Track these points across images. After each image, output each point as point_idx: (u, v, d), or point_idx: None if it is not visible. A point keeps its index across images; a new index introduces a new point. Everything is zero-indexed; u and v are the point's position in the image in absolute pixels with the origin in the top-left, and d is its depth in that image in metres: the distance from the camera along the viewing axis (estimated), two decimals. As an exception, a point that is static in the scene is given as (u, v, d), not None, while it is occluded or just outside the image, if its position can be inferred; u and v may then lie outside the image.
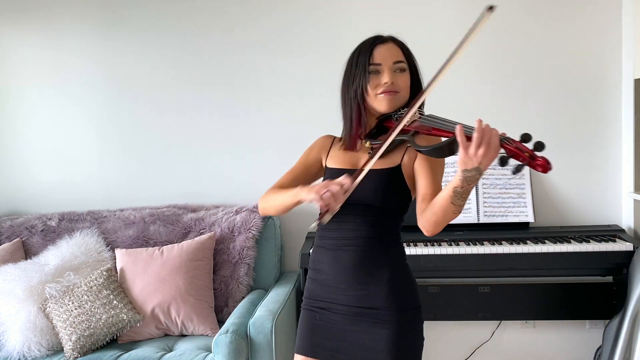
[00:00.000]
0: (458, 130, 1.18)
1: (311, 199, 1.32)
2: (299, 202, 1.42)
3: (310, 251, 1.51)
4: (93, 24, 2.91)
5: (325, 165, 1.59)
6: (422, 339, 1.51)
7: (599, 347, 2.47)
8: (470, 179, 1.20)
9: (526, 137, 1.16)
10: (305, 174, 1.61)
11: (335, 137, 1.64)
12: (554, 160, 1.13)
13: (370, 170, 1.39)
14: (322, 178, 1.61)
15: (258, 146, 2.87)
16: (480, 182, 2.64)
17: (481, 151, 1.15)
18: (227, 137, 2.89)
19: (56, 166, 3.02)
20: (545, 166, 1.13)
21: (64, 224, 2.76)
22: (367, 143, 1.50)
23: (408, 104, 1.47)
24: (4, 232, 2.76)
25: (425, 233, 1.37)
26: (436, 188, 1.42)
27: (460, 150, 1.18)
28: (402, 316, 1.44)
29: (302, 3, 2.78)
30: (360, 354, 1.46)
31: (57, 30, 2.94)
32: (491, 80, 2.71)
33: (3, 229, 2.78)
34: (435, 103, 1.51)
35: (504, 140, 1.17)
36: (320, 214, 1.36)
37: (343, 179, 1.31)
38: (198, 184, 2.92)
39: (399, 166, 1.47)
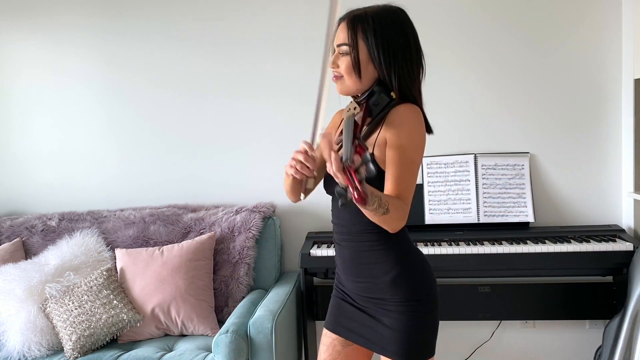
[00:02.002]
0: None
1: (286, 171, 1.36)
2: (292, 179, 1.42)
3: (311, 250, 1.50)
4: (93, 24, 2.91)
5: None
6: (431, 328, 1.48)
7: (599, 347, 2.47)
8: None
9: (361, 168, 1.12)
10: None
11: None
12: (554, 160, 1.12)
13: None
14: None
15: (258, 146, 2.86)
16: (480, 182, 2.65)
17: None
18: (227, 137, 2.89)
19: (56, 166, 3.01)
20: (361, 201, 1.11)
21: (64, 224, 2.76)
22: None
23: (372, 92, 1.40)
24: (4, 232, 2.76)
25: None
26: (391, 182, 1.33)
27: None
28: (407, 307, 1.43)
29: (306, 4, 2.78)
30: (371, 337, 1.49)
31: (57, 30, 2.94)
32: (491, 81, 2.71)
33: (3, 229, 2.78)
34: (435, 103, 1.50)
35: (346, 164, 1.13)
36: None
37: (302, 145, 1.33)
38: (198, 184, 2.92)
39: (371, 153, 1.40)
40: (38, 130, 3.01)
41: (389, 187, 1.34)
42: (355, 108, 1.36)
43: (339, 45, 1.41)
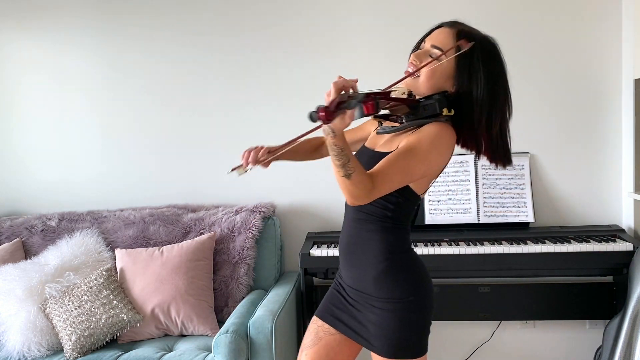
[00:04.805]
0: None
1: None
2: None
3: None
4: (94, 24, 2.91)
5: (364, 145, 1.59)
6: (419, 327, 1.46)
7: (599, 347, 2.47)
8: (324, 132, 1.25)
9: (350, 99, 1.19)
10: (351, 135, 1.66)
11: None
12: (554, 160, 1.11)
13: (374, 152, 1.46)
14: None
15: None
16: (480, 182, 2.65)
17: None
18: (227, 137, 2.88)
19: (56, 166, 3.01)
20: (323, 118, 1.21)
21: (64, 224, 2.76)
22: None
23: (431, 97, 1.37)
24: (4, 232, 2.76)
25: None
26: (377, 165, 1.30)
27: None
28: (391, 305, 1.43)
29: (305, 7, 2.78)
30: (358, 330, 1.50)
31: (57, 30, 2.94)
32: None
33: (3, 229, 2.77)
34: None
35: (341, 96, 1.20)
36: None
37: (266, 146, 1.45)
38: (198, 184, 2.92)
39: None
40: (38, 130, 3.01)
41: (373, 167, 1.31)
42: (404, 93, 1.38)
43: (433, 46, 1.38)
